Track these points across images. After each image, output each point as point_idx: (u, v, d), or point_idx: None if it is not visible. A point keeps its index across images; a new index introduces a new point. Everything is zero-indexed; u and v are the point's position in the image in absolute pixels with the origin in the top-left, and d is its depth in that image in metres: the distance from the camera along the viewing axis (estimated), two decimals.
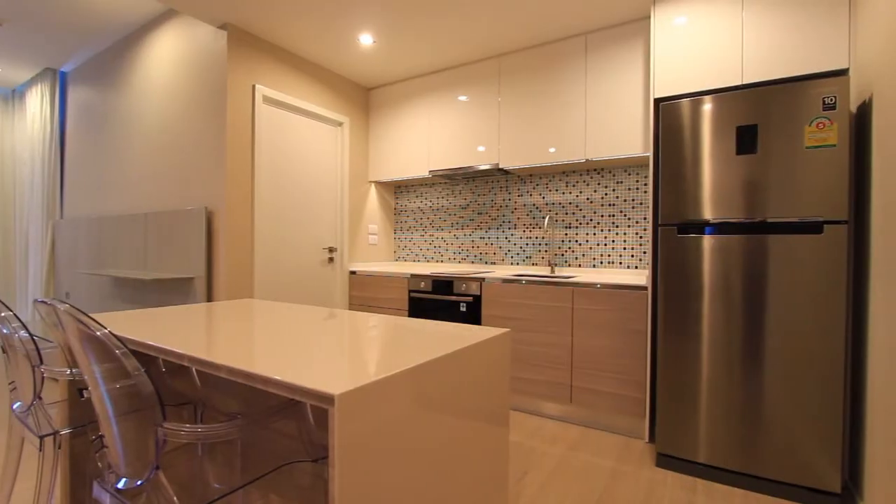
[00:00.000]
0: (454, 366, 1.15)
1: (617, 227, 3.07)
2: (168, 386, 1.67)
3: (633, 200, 3.02)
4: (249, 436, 1.44)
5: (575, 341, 2.58)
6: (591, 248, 3.17)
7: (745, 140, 1.96)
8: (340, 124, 3.68)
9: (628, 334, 2.42)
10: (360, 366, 1.01)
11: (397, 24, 2.85)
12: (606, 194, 3.11)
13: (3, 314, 1.33)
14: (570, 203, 3.26)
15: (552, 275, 3.06)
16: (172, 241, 3.11)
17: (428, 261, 4.02)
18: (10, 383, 1.52)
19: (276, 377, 0.89)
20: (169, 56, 3.26)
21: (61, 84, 4.44)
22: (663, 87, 2.31)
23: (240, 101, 2.90)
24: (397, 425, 0.96)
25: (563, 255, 3.29)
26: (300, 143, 3.34)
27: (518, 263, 3.50)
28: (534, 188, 3.42)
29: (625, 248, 3.05)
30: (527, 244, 3.46)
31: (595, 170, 3.15)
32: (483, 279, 2.92)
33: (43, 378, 1.35)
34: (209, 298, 2.91)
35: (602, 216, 3.13)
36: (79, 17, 3.34)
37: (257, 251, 2.99)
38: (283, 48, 3.19)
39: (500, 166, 3.20)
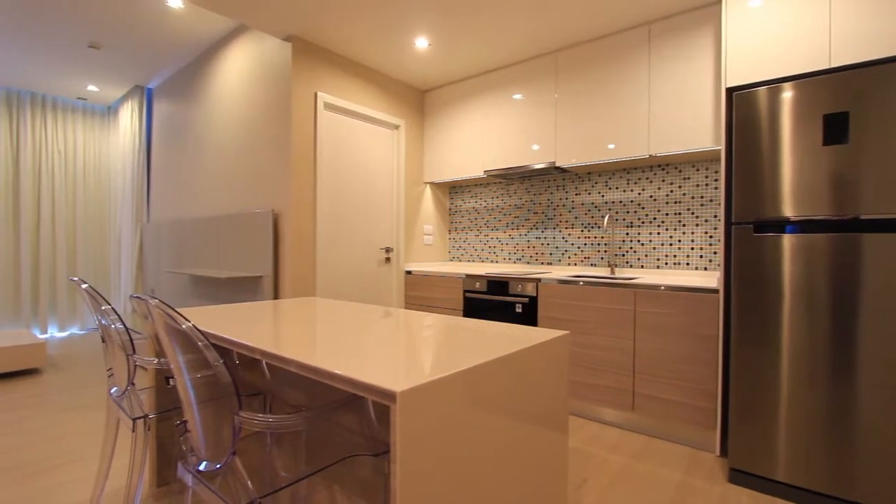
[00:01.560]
0: (512, 367, 1.14)
1: (684, 225, 2.90)
2: (241, 377, 1.79)
3: (701, 197, 2.84)
4: (314, 428, 1.51)
5: (637, 346, 2.46)
6: (654, 248, 3.02)
7: (834, 129, 1.78)
8: (397, 127, 3.76)
9: (696, 340, 2.28)
10: (419, 364, 1.02)
11: (453, 26, 2.87)
12: (672, 191, 2.95)
13: (103, 307, 1.48)
14: (631, 201, 3.12)
15: (612, 276, 2.95)
16: (243, 242, 3.33)
17: (482, 261, 4.01)
18: (108, 370, 1.69)
19: (342, 373, 0.93)
20: (239, 69, 3.49)
21: (147, 99, 4.89)
22: (736, 76, 2.16)
23: (303, 109, 3.04)
24: (456, 425, 0.97)
25: (623, 255, 3.16)
26: (358, 146, 3.46)
27: (576, 264, 3.40)
28: (592, 186, 3.31)
29: (692, 249, 2.87)
30: (585, 244, 3.35)
31: (659, 166, 3.00)
32: (539, 280, 2.86)
33: (135, 366, 1.49)
34: (275, 296, 3.08)
35: (667, 214, 2.97)
36: (162, 38, 3.66)
37: (319, 251, 3.12)
38: (343, 56, 3.31)
39: (557, 164, 3.13)
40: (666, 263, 2.97)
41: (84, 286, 1.53)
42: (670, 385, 2.36)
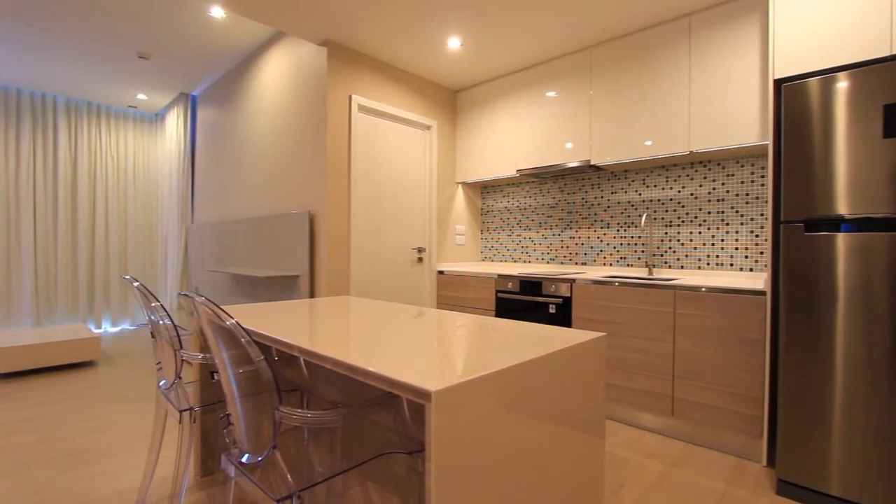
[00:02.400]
0: (548, 369, 1.13)
1: (727, 224, 2.78)
2: (279, 373, 1.85)
3: (746, 195, 2.71)
4: (350, 424, 1.54)
5: (677, 349, 2.38)
6: (695, 247, 2.91)
7: None
8: (429, 127, 3.78)
9: (741, 344, 2.18)
10: (454, 364, 1.02)
11: (486, 25, 2.86)
12: (714, 188, 2.83)
13: (153, 304, 1.56)
14: (670, 199, 3.02)
15: (650, 276, 2.86)
16: (280, 242, 3.43)
17: (515, 261, 3.98)
18: (157, 364, 1.78)
19: (377, 371, 0.94)
20: (277, 75, 3.60)
21: (192, 106, 5.12)
22: (785, 67, 2.05)
23: (338, 112, 3.11)
24: (490, 425, 0.96)
25: (662, 255, 3.06)
26: (391, 147, 3.50)
27: (611, 264, 3.32)
28: (629, 184, 3.23)
29: (737, 249, 2.75)
30: (621, 244, 3.27)
31: (701, 162, 2.89)
32: (573, 280, 2.81)
33: (182, 361, 1.56)
34: (311, 294, 3.15)
35: (709, 213, 2.85)
36: (205, 47, 3.82)
37: (353, 251, 3.18)
38: (376, 58, 3.36)
39: (592, 162, 3.06)
40: (708, 264, 2.86)
41: (136, 284, 1.61)
42: (712, 390, 2.27)
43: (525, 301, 3.07)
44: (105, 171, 5.46)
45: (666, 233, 3.04)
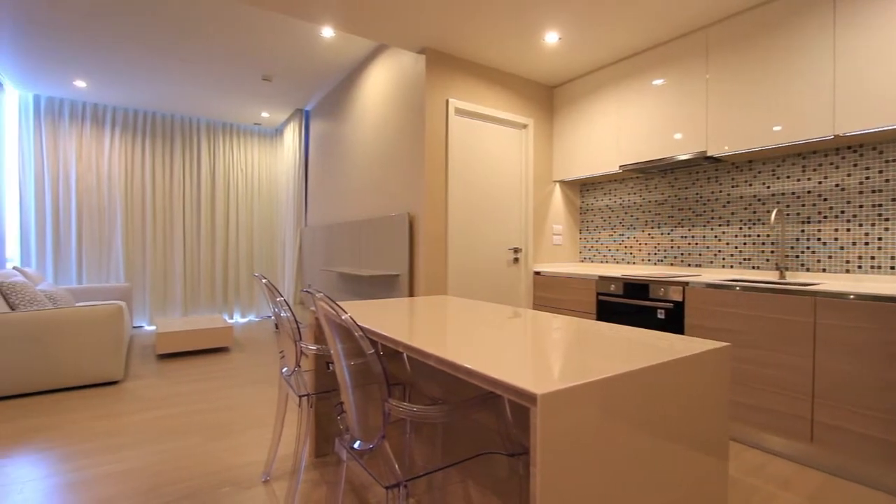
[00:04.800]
0: (663, 379, 1.04)
1: (886, 220, 2.34)
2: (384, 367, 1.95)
3: None
4: (451, 421, 1.57)
5: (818, 365, 2.05)
6: (841, 247, 2.49)
7: None
8: (524, 126, 3.73)
9: None
10: (558, 368, 0.99)
11: (586, 15, 2.74)
12: (868, 177, 2.40)
13: (278, 299, 1.74)
14: (808, 192, 2.62)
15: (782, 281, 2.51)
16: (382, 243, 3.62)
17: (617, 262, 3.75)
18: (280, 352, 1.98)
19: (482, 371, 0.94)
20: (378, 85, 3.81)
21: (305, 120, 5.63)
22: None
23: (435, 116, 3.20)
24: (598, 434, 0.91)
25: (797, 256, 2.67)
26: (487, 148, 3.51)
27: (732, 266, 2.98)
28: (754, 177, 2.87)
29: None
30: (744, 244, 2.92)
31: (849, 147, 2.46)
32: (686, 283, 2.57)
33: (301, 351, 1.72)
34: (411, 293, 3.28)
35: (860, 206, 2.42)
36: (317, 66, 4.18)
37: (450, 251, 3.25)
38: (472, 61, 3.39)
39: (708, 153, 2.77)
40: (859, 267, 2.43)
41: (263, 281, 1.82)
42: (863, 416, 1.92)
43: (630, 305, 2.88)
44: (235, 181, 6.24)
45: (802, 230, 2.65)
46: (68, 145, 5.24)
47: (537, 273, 3.64)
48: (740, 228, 2.93)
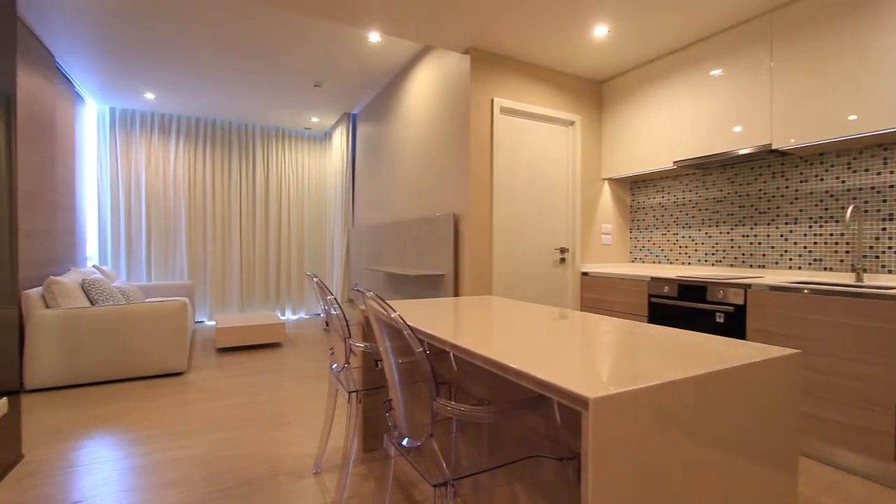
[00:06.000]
0: (723, 388, 0.98)
1: None
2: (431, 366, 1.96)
3: None
4: (497, 422, 1.56)
5: None
6: None
7: None
8: (571, 123, 3.64)
9: None
10: (610, 371, 0.96)
11: (637, 6, 2.64)
12: None
13: (328, 297, 1.80)
14: (890, 186, 2.39)
15: (860, 283, 2.30)
16: (427, 243, 3.65)
17: (671, 263, 3.59)
18: (330, 349, 2.05)
19: (531, 373, 0.93)
20: (423, 86, 3.85)
21: (353, 123, 5.78)
22: None
23: (480, 116, 3.19)
24: (653, 442, 0.88)
25: (877, 257, 2.44)
26: (533, 146, 3.46)
27: (800, 267, 2.77)
28: (826, 171, 2.65)
29: None
30: (814, 243, 2.70)
31: None
32: (749, 286, 2.42)
33: (350, 348, 1.77)
34: (455, 293, 3.29)
35: None
36: (364, 70, 4.28)
37: (495, 251, 3.23)
38: (517, 58, 3.35)
39: (773, 147, 2.59)
40: None
41: (315, 280, 1.88)
42: None
43: (685, 307, 2.74)
44: (287, 184, 6.51)
45: (884, 229, 2.42)
46: (139, 153, 5.67)
47: (585, 274, 3.54)
48: (810, 227, 2.72)
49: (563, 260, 3.60)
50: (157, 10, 3.20)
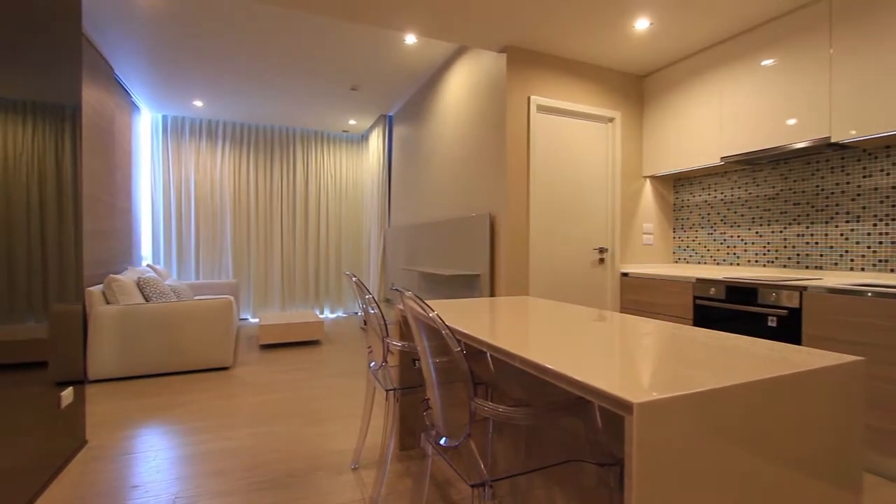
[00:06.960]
0: (776, 396, 0.93)
1: None
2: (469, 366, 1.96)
3: None
4: (536, 424, 1.54)
5: None
6: None
7: None
8: (611, 120, 3.55)
9: None
10: (656, 376, 0.93)
11: None
12: None
13: (366, 297, 1.83)
14: None
15: None
16: (463, 243, 3.65)
17: (718, 263, 3.43)
18: (368, 347, 2.08)
19: (570, 374, 0.91)
20: (459, 86, 3.85)
21: (389, 125, 5.86)
22: None
23: (517, 114, 3.16)
24: (702, 451, 0.84)
25: None
26: (571, 144, 3.39)
27: (863, 269, 2.58)
28: (893, 165, 2.46)
29: None
30: (880, 243, 2.51)
31: None
32: (804, 288, 2.27)
33: (388, 347, 1.79)
34: (492, 293, 3.27)
35: None
36: (401, 72, 4.33)
37: (532, 251, 3.19)
38: (554, 55, 3.30)
39: (833, 140, 2.43)
40: None
41: (354, 279, 1.92)
42: None
43: (733, 310, 2.61)
44: (326, 186, 6.68)
45: None
46: (188, 157, 5.96)
47: (625, 274, 3.44)
48: (874, 225, 2.53)
49: (602, 260, 3.52)
50: (206, 23, 3.36)
